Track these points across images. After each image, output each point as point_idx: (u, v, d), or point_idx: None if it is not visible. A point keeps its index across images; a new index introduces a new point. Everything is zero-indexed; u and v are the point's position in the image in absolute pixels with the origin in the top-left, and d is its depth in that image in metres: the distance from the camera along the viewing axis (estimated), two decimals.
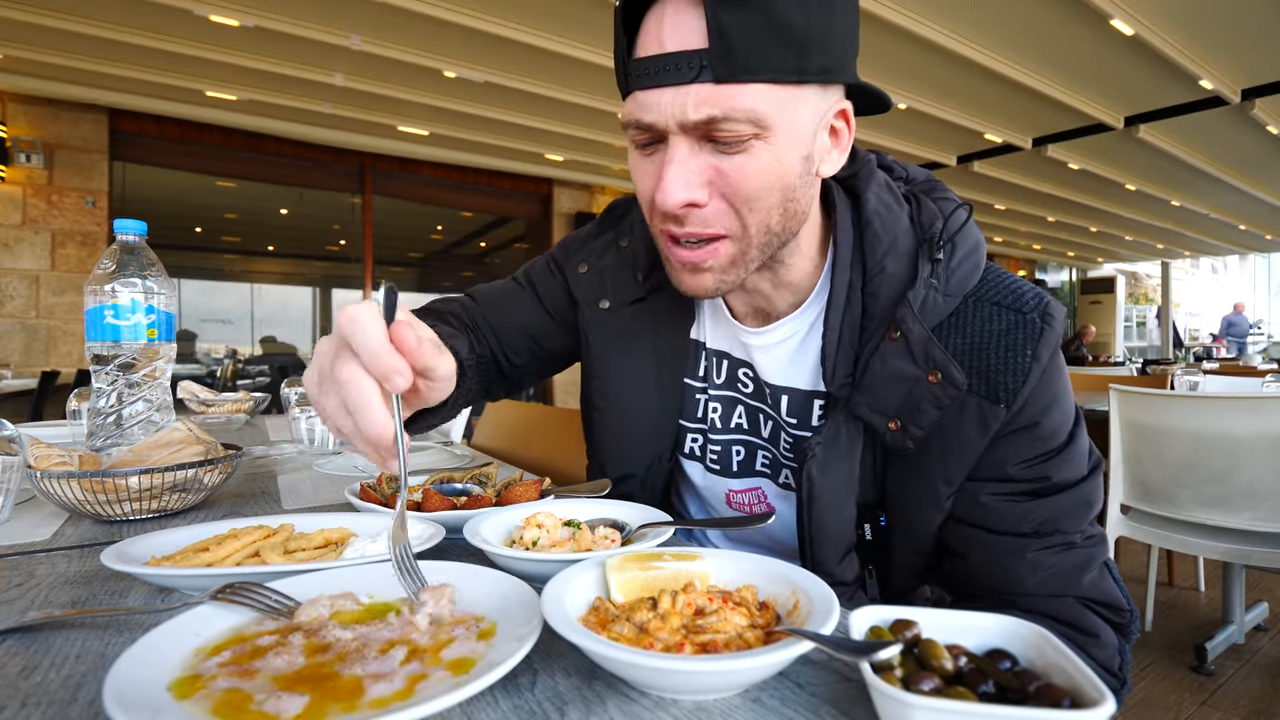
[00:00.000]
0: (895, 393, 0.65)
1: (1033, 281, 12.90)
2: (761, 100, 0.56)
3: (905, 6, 3.69)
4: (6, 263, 4.98)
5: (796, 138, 0.60)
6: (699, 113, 0.56)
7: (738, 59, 0.55)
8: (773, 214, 0.62)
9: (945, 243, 0.67)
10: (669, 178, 0.59)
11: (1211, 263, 17.82)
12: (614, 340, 0.83)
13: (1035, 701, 0.34)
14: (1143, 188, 7.29)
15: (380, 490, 0.79)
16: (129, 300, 0.92)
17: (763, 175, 0.59)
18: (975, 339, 0.65)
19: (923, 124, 5.46)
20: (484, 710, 0.38)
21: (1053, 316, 0.65)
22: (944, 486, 0.67)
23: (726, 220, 0.62)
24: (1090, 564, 0.66)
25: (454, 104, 5.08)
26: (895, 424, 0.65)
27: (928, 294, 0.65)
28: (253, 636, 0.43)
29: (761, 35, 0.54)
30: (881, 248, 0.68)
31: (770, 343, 0.75)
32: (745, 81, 0.55)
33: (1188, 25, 3.91)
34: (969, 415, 0.64)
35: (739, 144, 0.58)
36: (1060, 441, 0.66)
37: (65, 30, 3.90)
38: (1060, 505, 0.66)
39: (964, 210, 0.69)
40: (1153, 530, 2.03)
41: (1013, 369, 0.63)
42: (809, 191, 0.65)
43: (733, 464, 0.81)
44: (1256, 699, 1.98)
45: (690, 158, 0.59)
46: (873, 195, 0.71)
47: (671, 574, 0.51)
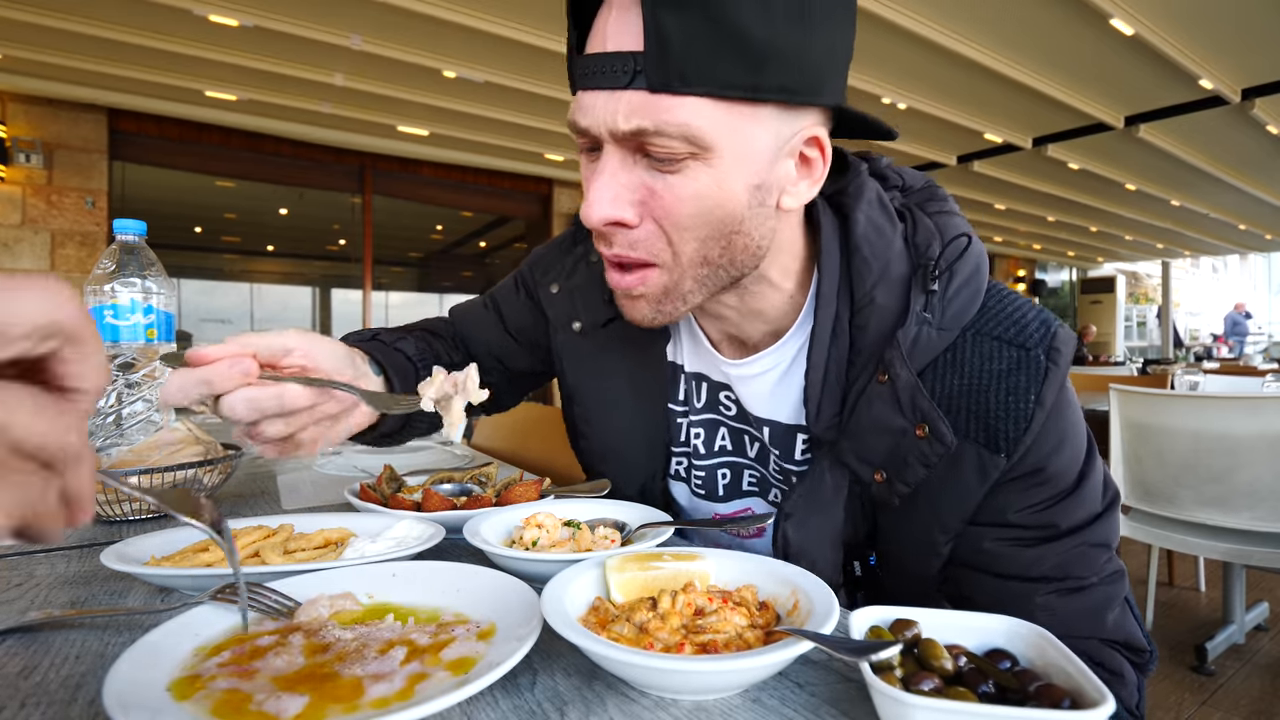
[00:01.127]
0: (881, 443, 0.60)
1: (1032, 281, 12.76)
2: (700, 116, 0.50)
3: (905, 6, 3.69)
4: (6, 263, 4.98)
5: (745, 163, 0.54)
6: (628, 123, 0.51)
7: (673, 67, 0.49)
8: (710, 245, 0.56)
9: (942, 272, 0.60)
10: (594, 191, 0.54)
11: (1212, 262, 17.81)
12: (589, 364, 0.79)
13: (1035, 701, 0.34)
14: (1143, 188, 7.29)
15: (380, 490, 0.79)
16: (129, 300, 0.92)
17: (698, 201, 0.53)
18: (974, 380, 0.59)
19: (923, 124, 5.46)
20: (484, 710, 0.38)
21: (1059, 352, 0.59)
22: (940, 534, 0.63)
23: (656, 246, 0.56)
24: (1110, 603, 0.62)
25: (454, 104, 5.07)
26: (881, 476, 0.61)
27: (920, 330, 0.59)
28: (253, 637, 0.43)
29: (705, 42, 0.48)
30: (871, 276, 0.62)
31: (750, 374, 0.70)
32: (681, 93, 0.49)
33: (1188, 25, 3.91)
34: (967, 462, 0.59)
35: (673, 162, 0.52)
36: (1067, 485, 0.61)
37: (65, 30, 3.90)
38: (1072, 547, 0.61)
39: (964, 238, 0.62)
40: (1153, 530, 2.03)
41: (1014, 415, 0.58)
42: (764, 225, 0.58)
43: (719, 488, 0.78)
44: (1257, 699, 1.98)
45: (621, 172, 0.54)
46: (862, 215, 0.63)
47: (671, 574, 0.51)
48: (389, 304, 7.36)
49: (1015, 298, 0.63)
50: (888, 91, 4.80)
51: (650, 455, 0.79)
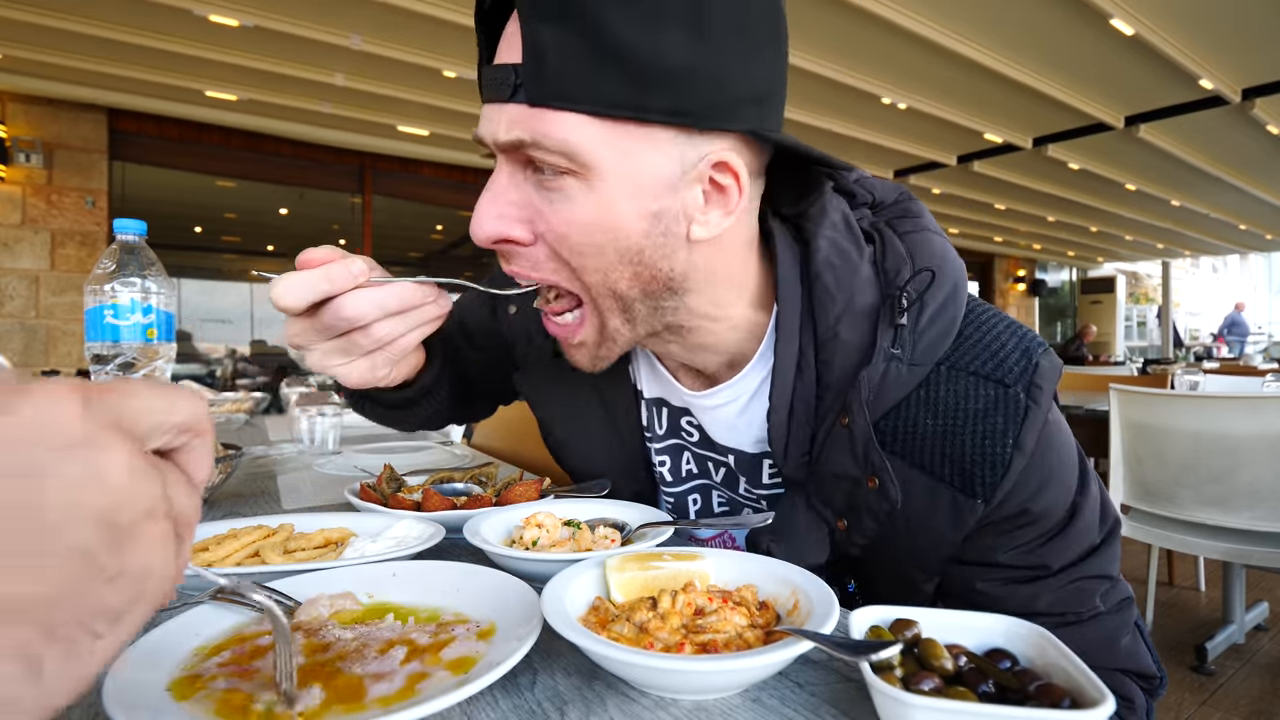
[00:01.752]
0: (840, 490, 0.57)
1: (1032, 281, 12.69)
2: (578, 133, 0.48)
3: (905, 6, 3.69)
4: (6, 263, 4.98)
5: (633, 188, 0.50)
6: (509, 134, 0.49)
7: (550, 81, 0.47)
8: (613, 275, 0.53)
9: (911, 303, 0.56)
10: (480, 205, 0.52)
11: (1212, 262, 17.81)
12: (554, 391, 0.76)
13: (1035, 701, 0.34)
14: (1143, 188, 7.29)
15: (380, 490, 0.79)
16: (128, 300, 0.92)
17: (584, 227, 0.50)
18: (948, 420, 0.55)
19: (923, 124, 5.46)
20: (484, 710, 0.38)
21: (1040, 389, 0.54)
22: (919, 574, 0.60)
23: (555, 269, 0.53)
24: (1120, 632, 0.60)
25: (454, 104, 5.07)
26: (843, 524, 0.58)
27: (889, 366, 0.55)
28: (253, 637, 0.43)
29: (582, 58, 0.46)
30: (835, 309, 0.57)
31: (710, 405, 0.66)
32: (560, 108, 0.47)
33: (1188, 25, 3.91)
34: (942, 505, 0.56)
35: (555, 178, 0.50)
36: (1056, 523, 0.58)
37: (65, 30, 3.90)
38: (1066, 585, 0.58)
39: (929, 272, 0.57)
40: (1153, 530, 2.03)
41: (990, 460, 0.54)
42: (673, 257, 0.53)
43: (690, 513, 0.76)
44: (1256, 699, 1.98)
45: (511, 188, 0.52)
46: (824, 242, 0.59)
47: (671, 574, 0.51)
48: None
49: (995, 322, 0.59)
50: (888, 91, 4.81)
51: (634, 479, 0.77)
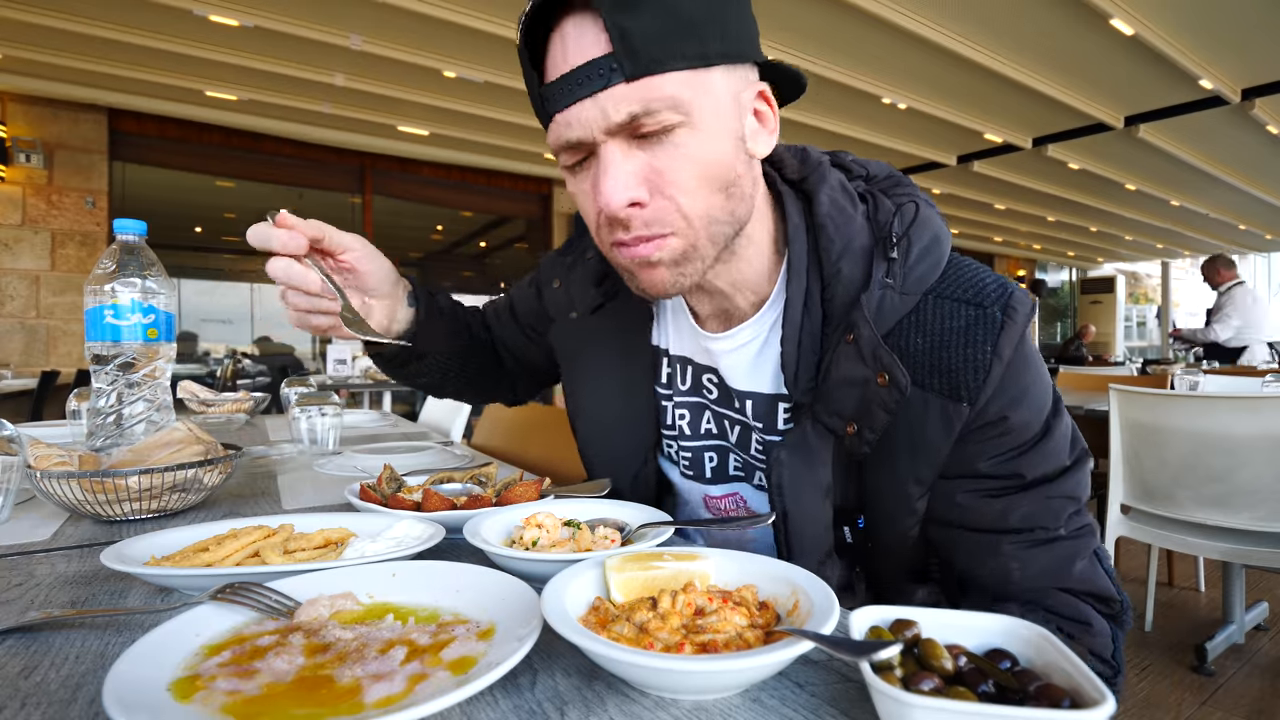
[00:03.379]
0: (850, 396, 0.64)
1: (1033, 281, 12.83)
2: (677, 87, 0.57)
3: (905, 6, 3.69)
4: (6, 263, 4.98)
5: (720, 119, 0.60)
6: (619, 113, 0.56)
7: (644, 54, 0.55)
8: (714, 200, 0.62)
9: (900, 239, 0.65)
10: (608, 182, 0.58)
11: None
12: (579, 349, 0.85)
13: (1035, 701, 0.34)
14: (1143, 188, 7.28)
15: (380, 490, 0.79)
16: (129, 300, 0.92)
17: (695, 162, 0.59)
18: (935, 338, 0.64)
19: (923, 124, 5.46)
20: (484, 710, 0.38)
21: (1015, 310, 0.63)
22: (915, 487, 0.66)
23: (669, 217, 0.61)
24: (1078, 556, 0.66)
25: (454, 104, 5.07)
26: (852, 428, 0.65)
27: (883, 294, 0.64)
28: (253, 637, 0.43)
29: (661, 28, 0.55)
30: (835, 251, 0.67)
31: (732, 346, 0.74)
32: (657, 72, 0.56)
33: (1188, 25, 3.90)
34: (932, 414, 0.63)
35: (666, 134, 0.58)
36: (1032, 435, 0.65)
37: (65, 30, 3.90)
38: (1039, 499, 0.65)
39: (913, 205, 0.67)
40: (1153, 530, 2.03)
41: (973, 366, 0.62)
42: (749, 173, 0.65)
43: (706, 470, 0.81)
44: (1256, 699, 1.98)
45: (624, 160, 0.59)
46: (825, 197, 0.69)
47: (671, 574, 0.51)
48: None
49: (977, 267, 0.68)
50: (888, 91, 4.81)
51: (639, 438, 0.83)
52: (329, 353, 4.86)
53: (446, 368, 0.90)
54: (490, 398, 1.06)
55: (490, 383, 1.01)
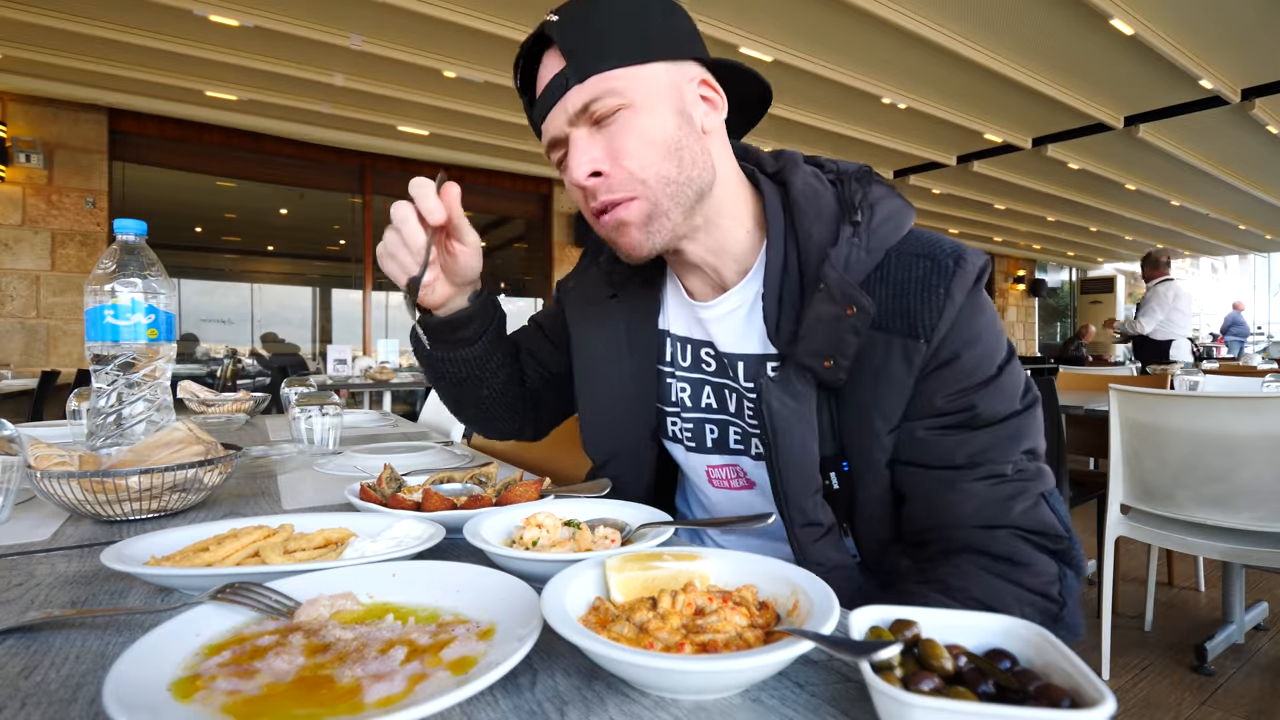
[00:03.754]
0: (824, 334, 0.72)
1: (1032, 281, 12.89)
2: (617, 80, 0.71)
3: (905, 6, 3.69)
4: (6, 263, 4.98)
5: (660, 99, 0.73)
6: (575, 105, 0.72)
7: (587, 61, 0.71)
8: (665, 164, 0.73)
9: (862, 205, 0.75)
10: (573, 159, 0.73)
11: (1211, 262, 17.81)
12: (590, 333, 0.94)
13: (1035, 701, 0.34)
14: (1143, 188, 7.29)
15: (380, 490, 0.79)
16: (129, 300, 0.92)
17: (641, 134, 0.72)
18: (896, 287, 0.72)
19: (923, 124, 5.46)
20: (484, 710, 0.38)
21: (965, 259, 0.71)
22: (881, 423, 0.73)
23: (627, 180, 0.73)
24: (1021, 495, 0.70)
25: (454, 104, 5.07)
26: (829, 361, 0.72)
27: (850, 251, 0.73)
28: (253, 637, 0.43)
29: (598, 42, 0.72)
30: (808, 218, 0.77)
31: (723, 313, 0.83)
32: (599, 72, 0.71)
33: (1188, 25, 3.91)
34: (895, 354, 0.71)
35: (614, 116, 0.72)
36: (987, 374, 0.72)
37: (65, 30, 3.90)
38: (990, 437, 0.71)
39: (880, 186, 0.78)
40: (1153, 530, 2.03)
41: (929, 306, 0.70)
42: (699, 144, 0.75)
43: (707, 440, 0.88)
44: (1256, 699, 1.98)
45: (586, 140, 0.73)
46: (799, 180, 0.79)
47: (671, 574, 0.51)
48: (389, 304, 7.34)
49: (937, 234, 0.77)
50: (888, 91, 4.81)
51: (638, 414, 0.90)
52: (329, 353, 4.86)
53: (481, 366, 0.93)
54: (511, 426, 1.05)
55: (513, 401, 1.01)
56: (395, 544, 0.60)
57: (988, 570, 0.69)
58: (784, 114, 5.21)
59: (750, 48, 4.00)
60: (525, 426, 1.07)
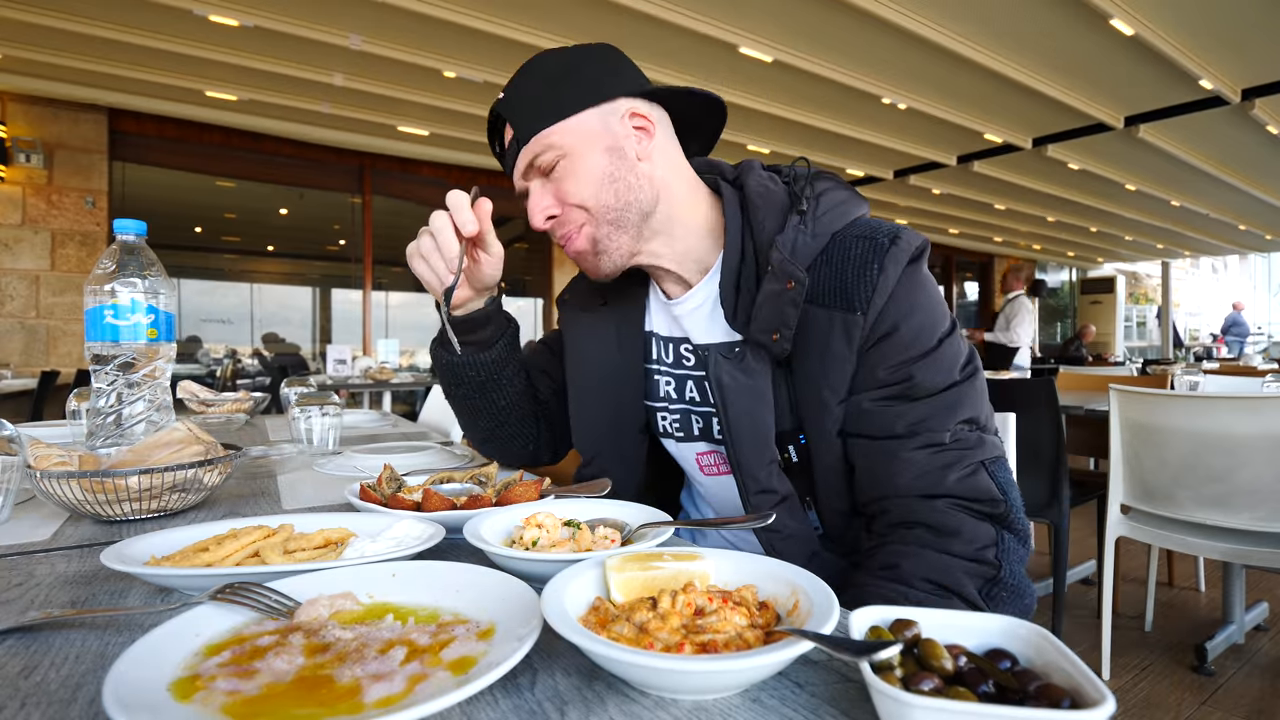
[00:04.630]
0: (771, 310, 0.78)
1: (1033, 281, 12.97)
2: (549, 137, 0.82)
3: (905, 6, 3.69)
4: (6, 263, 4.98)
5: (590, 142, 0.82)
6: (522, 163, 0.85)
7: (525, 127, 0.83)
8: (602, 195, 0.82)
9: (807, 195, 0.81)
10: (530, 209, 0.86)
11: (1211, 262, 17.80)
12: (581, 336, 1.00)
13: (1035, 701, 0.34)
14: (1143, 188, 7.28)
15: (380, 490, 0.79)
16: (129, 300, 0.92)
17: (577, 177, 0.82)
18: (837, 265, 0.78)
19: (923, 124, 5.46)
20: (484, 710, 0.38)
21: (900, 237, 0.77)
22: (829, 394, 0.78)
23: (575, 216, 0.84)
24: (959, 463, 0.73)
25: (454, 104, 5.07)
26: (776, 335, 0.78)
27: (796, 237, 0.79)
28: (253, 637, 0.43)
29: (529, 112, 0.83)
30: (761, 212, 0.83)
31: (691, 308, 0.90)
32: (535, 133, 0.82)
33: (1188, 25, 3.91)
34: (835, 329, 0.76)
35: (554, 166, 0.83)
36: (925, 347, 0.76)
37: (65, 30, 3.90)
38: (928, 407, 0.75)
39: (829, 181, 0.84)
40: (1153, 530, 2.03)
41: (863, 281, 0.75)
42: (633, 171, 0.83)
43: (694, 429, 0.93)
44: (1256, 699, 1.98)
45: (539, 191, 0.86)
46: (753, 180, 0.86)
47: (671, 574, 0.51)
48: (389, 304, 7.35)
49: (883, 221, 0.82)
50: (888, 92, 4.81)
51: (626, 410, 0.95)
52: (329, 353, 4.86)
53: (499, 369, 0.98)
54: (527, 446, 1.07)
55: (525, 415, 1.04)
56: (395, 544, 0.60)
57: (930, 546, 0.71)
58: (784, 114, 5.21)
59: (750, 47, 4.00)
60: (542, 448, 1.09)
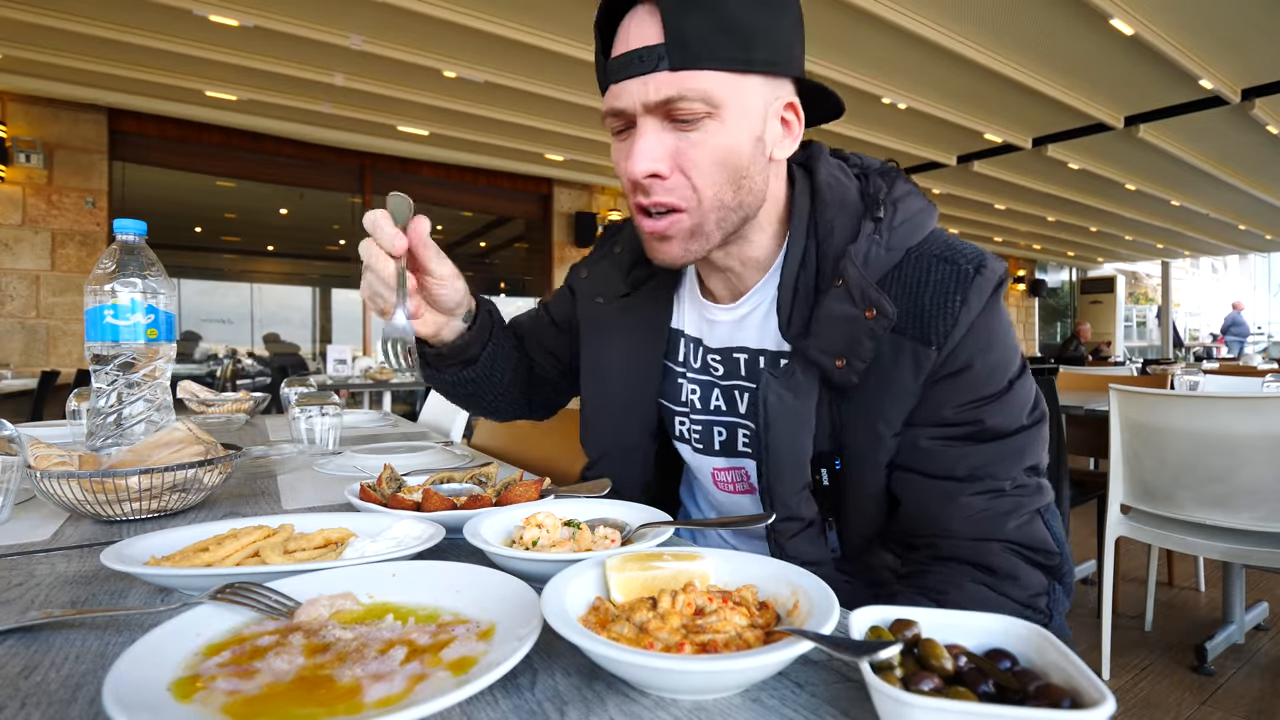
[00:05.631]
0: (839, 333, 0.70)
1: (1032, 281, 12.89)
2: (712, 84, 0.66)
3: (905, 6, 3.69)
4: (6, 263, 4.98)
5: (746, 119, 0.68)
6: (659, 94, 0.66)
7: (690, 50, 0.64)
8: (725, 188, 0.70)
9: (885, 202, 0.74)
10: (637, 151, 0.68)
11: (1211, 262, 17.80)
12: (601, 329, 0.92)
13: (1035, 701, 0.34)
14: (1143, 188, 7.28)
15: (380, 490, 0.79)
16: (129, 300, 0.92)
17: (716, 151, 0.68)
18: (912, 288, 0.70)
19: (923, 124, 5.46)
20: (484, 710, 0.38)
21: (986, 266, 0.69)
22: (884, 428, 0.71)
23: (684, 192, 0.70)
24: (1017, 511, 0.69)
25: (454, 104, 5.07)
26: (841, 361, 0.71)
27: (870, 248, 0.72)
28: (253, 637, 0.43)
29: (710, 31, 0.64)
30: (831, 211, 0.76)
31: (742, 314, 0.82)
32: (697, 68, 0.65)
33: (1188, 25, 3.91)
34: (904, 358, 0.69)
35: (694, 122, 0.67)
36: (997, 388, 0.70)
37: (65, 30, 3.90)
38: (994, 452, 0.70)
39: (905, 183, 0.76)
40: (1153, 530, 2.03)
41: (943, 313, 0.68)
42: (763, 172, 0.73)
43: (715, 443, 0.86)
44: (1256, 699, 1.98)
45: (654, 135, 0.68)
46: (824, 169, 0.79)
47: (671, 574, 0.51)
48: None
49: (957, 238, 0.75)
50: (888, 92, 4.80)
51: (639, 410, 0.89)
52: (329, 353, 4.86)
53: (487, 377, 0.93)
54: (522, 412, 1.07)
55: (519, 394, 1.02)
56: (395, 544, 0.60)
57: (977, 580, 0.68)
58: None
59: None
60: (536, 409, 1.08)
